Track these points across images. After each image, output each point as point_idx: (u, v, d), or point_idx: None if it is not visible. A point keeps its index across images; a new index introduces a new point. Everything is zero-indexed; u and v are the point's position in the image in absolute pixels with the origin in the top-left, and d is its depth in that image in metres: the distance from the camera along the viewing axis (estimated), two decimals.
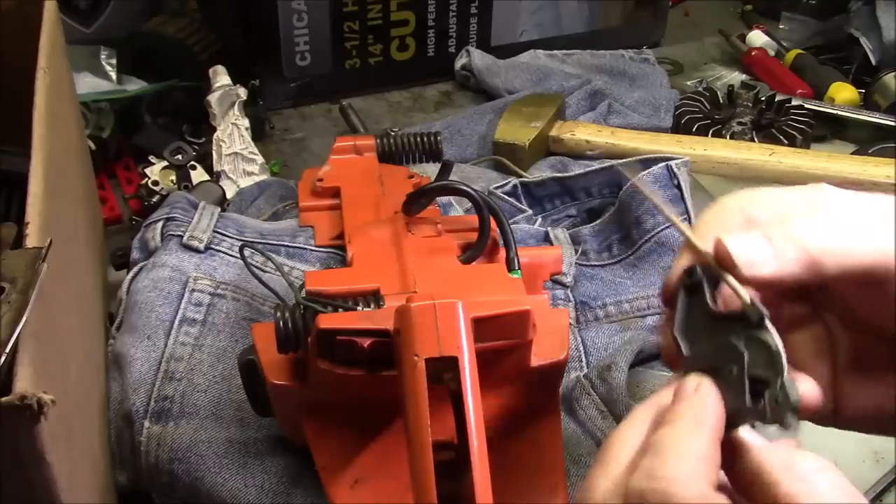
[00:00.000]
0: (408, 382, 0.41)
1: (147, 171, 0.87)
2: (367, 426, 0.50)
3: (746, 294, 0.36)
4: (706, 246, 0.39)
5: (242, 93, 0.94)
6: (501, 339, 0.46)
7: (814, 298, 0.42)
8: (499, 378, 0.48)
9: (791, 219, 0.38)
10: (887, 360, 0.41)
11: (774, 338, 0.35)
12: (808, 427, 0.70)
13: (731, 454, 0.36)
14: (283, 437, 0.57)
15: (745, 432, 0.35)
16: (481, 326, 0.44)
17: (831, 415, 0.43)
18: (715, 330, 0.38)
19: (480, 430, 0.41)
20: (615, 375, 0.60)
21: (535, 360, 0.48)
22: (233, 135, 0.92)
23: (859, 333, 0.41)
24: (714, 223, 0.40)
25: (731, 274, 0.37)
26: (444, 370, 0.42)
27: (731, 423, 0.35)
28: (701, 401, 0.36)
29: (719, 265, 0.38)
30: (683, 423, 0.35)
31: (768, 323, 0.36)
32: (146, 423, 0.58)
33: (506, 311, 0.45)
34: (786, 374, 0.35)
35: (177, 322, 0.62)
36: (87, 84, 0.92)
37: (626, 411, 0.59)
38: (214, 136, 0.92)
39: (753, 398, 0.35)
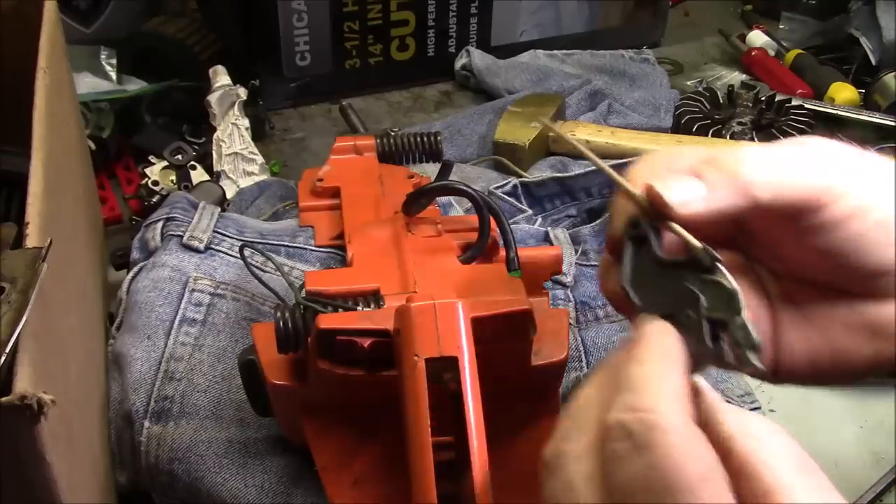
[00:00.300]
0: (408, 382, 0.41)
1: (147, 171, 0.87)
2: (367, 426, 0.50)
3: (697, 241, 0.36)
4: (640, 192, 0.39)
5: (242, 93, 0.94)
6: (501, 338, 0.46)
7: (744, 247, 0.42)
8: (499, 378, 0.48)
9: (720, 157, 0.39)
10: (818, 307, 0.41)
11: (729, 279, 0.35)
12: (806, 428, 0.70)
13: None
14: (283, 437, 0.57)
15: (701, 382, 0.35)
16: (481, 326, 0.44)
17: (771, 367, 0.42)
18: (666, 277, 0.37)
19: (480, 430, 0.41)
20: None
21: (536, 360, 0.48)
22: (233, 135, 0.92)
23: (789, 281, 0.42)
24: (644, 173, 0.40)
25: (668, 218, 0.37)
26: (444, 370, 0.42)
27: (692, 368, 0.35)
28: (667, 339, 0.35)
29: (656, 211, 0.38)
30: (654, 361, 0.34)
31: (721, 266, 0.35)
32: (146, 423, 0.58)
33: (506, 310, 0.45)
34: (744, 313, 0.34)
35: (177, 322, 0.62)
36: (87, 84, 0.92)
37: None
38: (214, 136, 0.92)
39: (713, 341, 0.35)
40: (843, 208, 0.38)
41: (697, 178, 0.38)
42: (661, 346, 0.35)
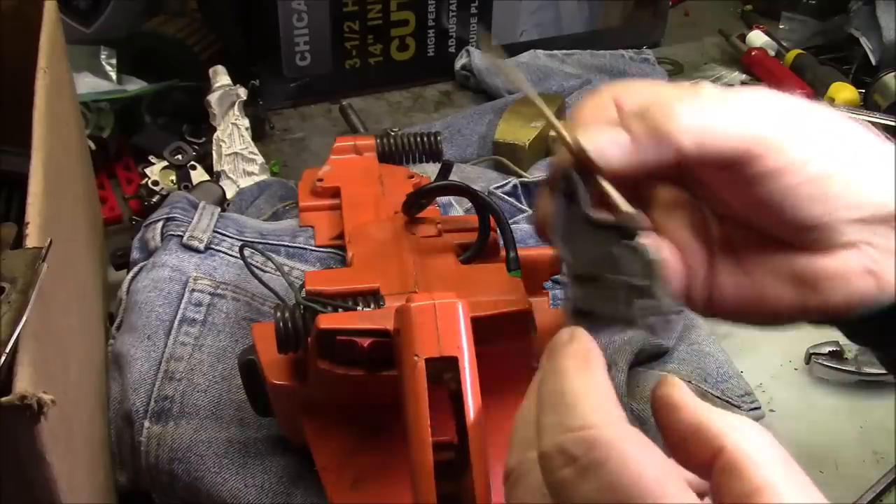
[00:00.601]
0: (408, 382, 0.41)
1: (147, 171, 0.87)
2: (367, 426, 0.50)
3: (624, 203, 0.36)
4: (578, 140, 0.39)
5: (242, 93, 0.94)
6: (501, 338, 0.46)
7: (689, 186, 0.42)
8: (499, 378, 0.48)
9: (653, 106, 0.38)
10: (753, 252, 0.42)
11: (648, 251, 0.35)
12: (806, 428, 0.70)
13: (660, 413, 0.35)
14: (283, 437, 0.57)
15: (676, 391, 0.35)
16: (481, 326, 0.44)
17: (704, 300, 0.43)
18: (592, 235, 0.37)
19: (481, 431, 0.41)
20: (615, 375, 0.60)
21: (536, 362, 0.48)
22: (233, 135, 0.92)
23: (730, 224, 0.42)
24: (588, 114, 0.40)
25: (596, 172, 0.37)
26: (444, 370, 0.42)
27: (606, 328, 0.36)
28: (581, 344, 0.35)
29: (585, 164, 0.38)
30: (573, 369, 0.34)
31: (641, 237, 0.35)
32: (146, 423, 0.58)
33: (506, 311, 0.45)
34: (660, 282, 0.35)
35: (177, 322, 0.62)
36: (87, 84, 0.92)
37: (626, 411, 0.59)
38: (214, 136, 0.92)
39: (628, 305, 0.35)
40: (776, 161, 0.38)
41: (626, 130, 0.38)
42: (576, 351, 0.34)
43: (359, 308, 0.48)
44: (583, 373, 0.33)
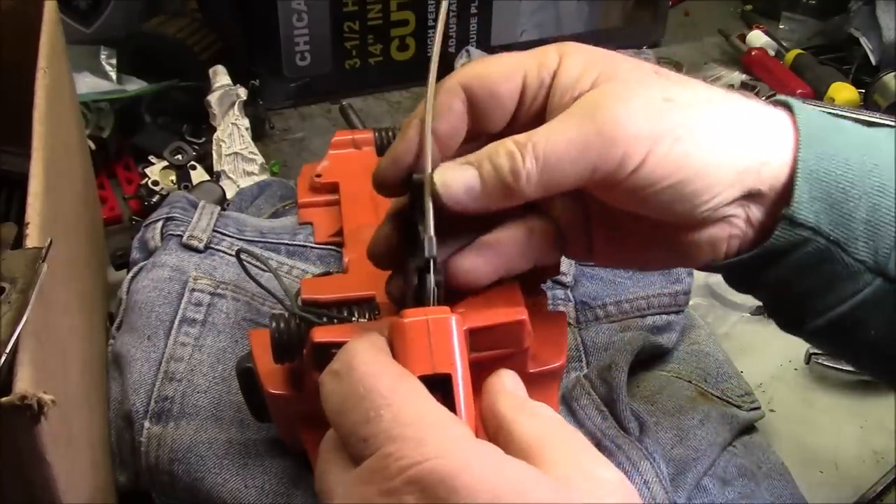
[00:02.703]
0: None
1: (147, 171, 0.87)
2: None
3: (430, 227, 0.42)
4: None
5: (242, 93, 0.94)
6: (497, 348, 0.45)
7: None
8: None
9: (499, 152, 0.42)
10: (626, 224, 0.46)
11: (430, 279, 0.42)
12: (806, 428, 0.70)
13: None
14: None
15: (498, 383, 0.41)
16: (476, 337, 0.43)
17: (584, 258, 0.49)
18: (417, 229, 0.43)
19: None
20: (615, 375, 0.60)
21: (532, 366, 0.48)
22: (233, 135, 0.92)
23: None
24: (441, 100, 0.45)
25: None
26: (437, 386, 0.41)
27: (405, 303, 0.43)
28: (362, 342, 0.39)
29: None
30: (362, 358, 0.38)
31: (431, 269, 0.42)
32: (146, 424, 0.58)
33: (500, 321, 0.45)
34: (431, 276, 0.42)
35: (177, 322, 0.62)
36: (87, 84, 0.92)
37: (626, 411, 0.59)
38: (214, 136, 0.92)
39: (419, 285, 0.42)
40: (625, 182, 0.41)
41: (476, 170, 0.42)
42: (362, 345, 0.39)
43: (354, 318, 0.48)
44: (372, 359, 0.39)
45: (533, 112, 0.45)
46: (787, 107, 0.45)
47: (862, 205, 0.42)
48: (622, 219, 0.46)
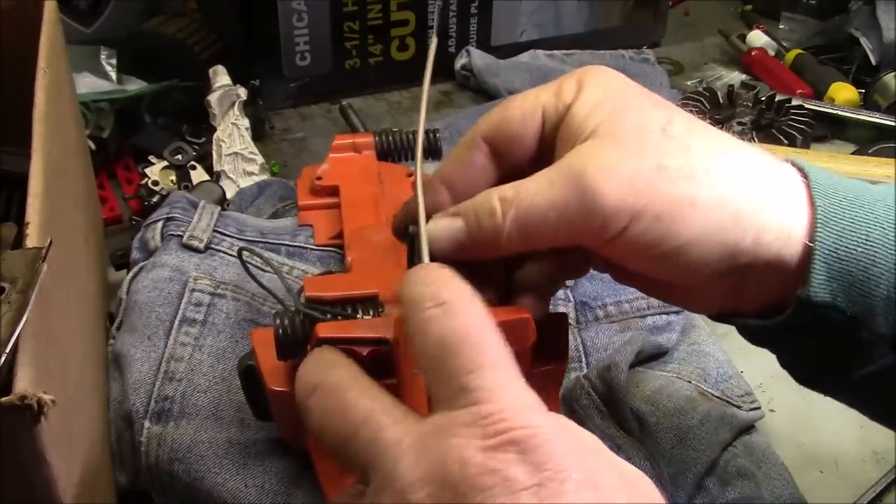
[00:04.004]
0: (407, 395, 0.41)
1: (147, 171, 0.86)
2: None
3: (425, 257, 0.42)
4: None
5: (242, 93, 0.94)
6: None
7: None
8: None
9: (485, 207, 0.42)
10: (621, 270, 0.46)
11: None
12: (806, 428, 0.70)
13: None
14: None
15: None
16: None
17: (607, 270, 0.49)
18: None
19: None
20: (615, 375, 0.60)
21: (534, 366, 0.48)
22: (233, 135, 0.92)
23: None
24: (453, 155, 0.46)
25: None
26: None
27: None
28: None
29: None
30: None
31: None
32: (146, 424, 0.58)
33: (504, 319, 0.45)
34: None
35: (177, 322, 0.62)
36: (87, 84, 0.92)
37: (626, 411, 0.59)
38: (214, 136, 0.92)
39: None
40: (608, 247, 0.41)
41: (464, 222, 0.43)
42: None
43: (358, 315, 0.48)
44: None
45: (556, 138, 0.45)
46: (800, 168, 0.43)
47: (883, 282, 0.40)
48: (613, 267, 0.46)
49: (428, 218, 0.44)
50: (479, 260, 0.44)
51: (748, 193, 0.41)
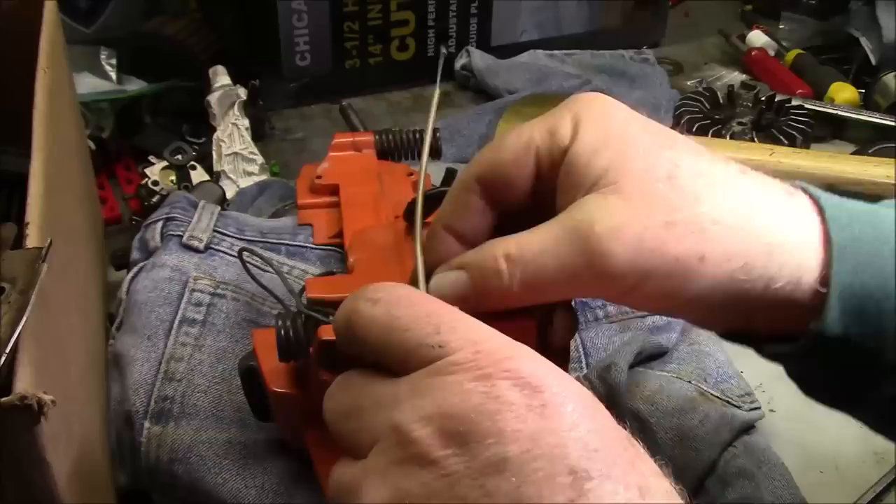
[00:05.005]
0: None
1: (147, 171, 0.86)
2: None
3: (421, 275, 0.44)
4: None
5: (242, 93, 0.94)
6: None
7: None
8: None
9: (490, 264, 0.42)
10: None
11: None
12: (807, 428, 0.70)
13: None
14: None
15: None
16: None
17: None
18: None
19: None
20: (615, 376, 0.60)
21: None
22: (233, 135, 0.92)
23: None
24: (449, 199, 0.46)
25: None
26: None
27: None
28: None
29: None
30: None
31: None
32: (146, 424, 0.58)
33: (506, 322, 0.45)
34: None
35: (177, 322, 0.62)
36: (87, 84, 0.92)
37: (626, 412, 0.59)
38: (214, 136, 0.92)
39: None
40: (605, 292, 0.42)
41: (468, 276, 0.42)
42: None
43: None
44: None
45: (553, 177, 0.44)
46: (814, 197, 0.43)
47: None
48: None
49: (434, 267, 0.44)
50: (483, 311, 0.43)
51: (759, 242, 0.40)
